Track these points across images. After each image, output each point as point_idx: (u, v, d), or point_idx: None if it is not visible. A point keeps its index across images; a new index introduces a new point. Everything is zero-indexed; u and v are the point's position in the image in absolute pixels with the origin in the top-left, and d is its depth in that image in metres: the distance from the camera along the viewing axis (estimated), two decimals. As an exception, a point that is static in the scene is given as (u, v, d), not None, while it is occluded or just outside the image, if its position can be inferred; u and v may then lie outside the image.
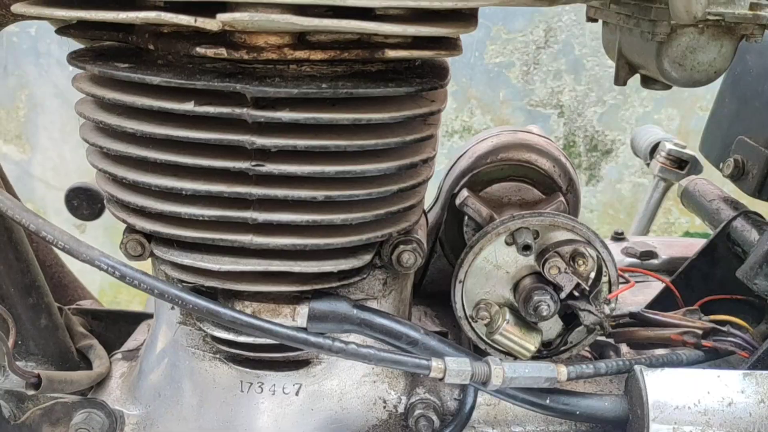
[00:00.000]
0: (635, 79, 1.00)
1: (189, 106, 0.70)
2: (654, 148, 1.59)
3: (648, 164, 1.61)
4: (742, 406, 0.74)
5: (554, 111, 2.89)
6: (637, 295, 1.22)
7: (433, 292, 1.08)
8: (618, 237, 1.39)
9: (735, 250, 1.03)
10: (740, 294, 1.00)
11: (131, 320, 1.07)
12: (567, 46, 2.87)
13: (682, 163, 1.51)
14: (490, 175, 1.03)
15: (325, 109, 0.70)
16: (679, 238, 1.41)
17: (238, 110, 0.70)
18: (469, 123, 2.93)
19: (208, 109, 0.70)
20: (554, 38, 2.84)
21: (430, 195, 1.10)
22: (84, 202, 1.14)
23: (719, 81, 1.21)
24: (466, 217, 0.99)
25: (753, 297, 0.97)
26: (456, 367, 0.73)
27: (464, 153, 1.09)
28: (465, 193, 0.96)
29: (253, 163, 0.71)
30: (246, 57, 0.70)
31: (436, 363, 0.73)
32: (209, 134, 0.71)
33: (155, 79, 0.70)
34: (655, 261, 1.29)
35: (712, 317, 0.90)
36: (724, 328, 0.87)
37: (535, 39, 2.84)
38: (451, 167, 1.10)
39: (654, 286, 1.20)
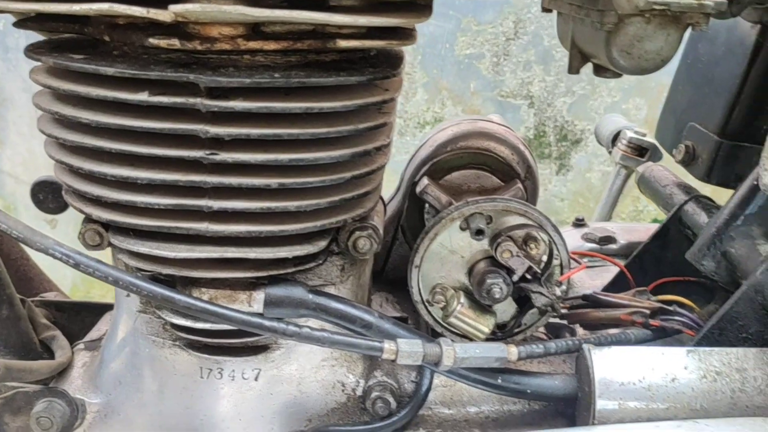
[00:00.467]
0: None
1: (143, 96, 0.71)
2: (616, 137, 1.62)
3: (610, 152, 1.64)
4: (685, 382, 0.77)
5: (524, 102, 2.93)
6: (596, 279, 1.25)
7: (395, 279, 1.09)
8: (579, 223, 1.42)
9: (686, 233, 1.06)
10: (692, 276, 1.03)
11: (95, 311, 1.08)
12: (536, 37, 2.90)
13: (642, 151, 1.54)
14: (450, 163, 1.05)
15: (279, 98, 0.72)
16: (639, 223, 1.45)
17: (192, 100, 0.71)
18: (440, 114, 2.95)
19: (162, 99, 0.71)
20: (524, 29, 2.87)
21: (394, 184, 1.12)
22: (50, 195, 1.14)
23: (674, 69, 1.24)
24: (427, 205, 1.01)
25: (703, 278, 1.00)
26: (408, 348, 0.75)
27: (425, 142, 1.11)
28: (425, 181, 0.98)
29: (208, 152, 0.72)
30: (199, 47, 0.71)
31: (388, 345, 0.75)
32: (164, 124, 0.72)
33: (109, 70, 0.71)
34: (613, 246, 1.32)
35: (661, 297, 0.93)
36: (672, 308, 0.90)
37: (504, 30, 2.86)
38: (413, 156, 1.12)
39: (613, 271, 1.23)
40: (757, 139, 0.78)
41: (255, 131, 0.72)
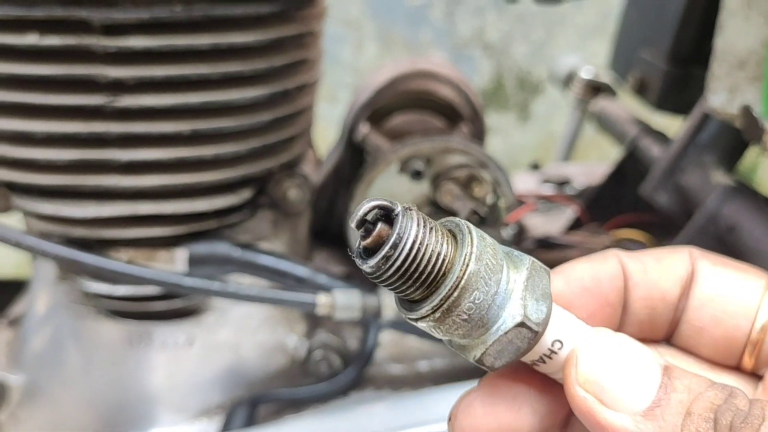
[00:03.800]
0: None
1: (33, 39, 0.64)
2: (571, 78, 1.56)
3: (564, 93, 1.59)
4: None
5: (480, 51, 2.85)
6: (554, 224, 1.21)
7: (341, 234, 1.04)
8: (535, 167, 1.38)
9: (641, 169, 1.01)
10: (650, 211, 0.99)
11: (20, 288, 1.00)
12: (489, -17, 2.81)
13: (596, 91, 1.49)
14: (390, 108, 0.99)
15: (182, 33, 0.65)
16: (597, 164, 1.40)
17: (86, 40, 0.64)
18: (396, 69, 2.86)
19: (53, 41, 0.64)
20: (476, -24, 2.77)
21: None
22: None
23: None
24: (368, 153, 0.95)
25: (659, 212, 0.96)
26: (344, 300, 0.70)
27: (363, 86, 1.05)
28: (364, 128, 0.92)
29: (109, 98, 0.65)
30: (90, -20, 0.64)
31: (323, 297, 0.70)
32: (58, 69, 0.65)
33: (-8, 12, 0.63)
34: (571, 188, 1.28)
35: (614, 234, 0.88)
36: (624, 245, 0.86)
37: (456, -23, 2.77)
38: (353, 103, 1.05)
39: (570, 213, 1.19)
40: (707, 62, 0.74)
41: (159, 72, 0.65)
